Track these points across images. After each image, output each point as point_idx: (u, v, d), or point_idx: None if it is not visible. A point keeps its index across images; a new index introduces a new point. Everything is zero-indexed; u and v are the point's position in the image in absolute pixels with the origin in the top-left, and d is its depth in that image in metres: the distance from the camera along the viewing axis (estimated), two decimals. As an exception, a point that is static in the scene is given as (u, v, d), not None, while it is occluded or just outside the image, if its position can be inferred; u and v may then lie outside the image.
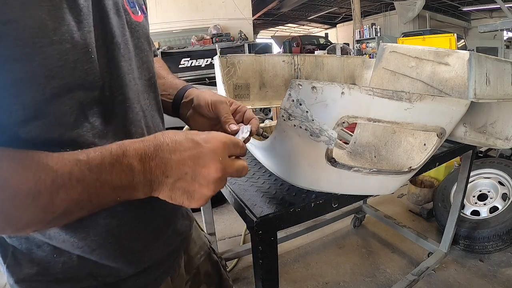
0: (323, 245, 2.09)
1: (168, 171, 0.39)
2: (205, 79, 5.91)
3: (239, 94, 1.12)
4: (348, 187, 0.67)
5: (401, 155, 0.82)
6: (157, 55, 0.76)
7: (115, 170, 0.37)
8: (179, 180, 0.40)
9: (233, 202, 0.77)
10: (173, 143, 0.40)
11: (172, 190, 0.40)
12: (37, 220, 0.35)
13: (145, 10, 0.59)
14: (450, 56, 0.82)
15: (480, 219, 1.86)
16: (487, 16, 12.12)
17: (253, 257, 0.70)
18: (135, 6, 0.54)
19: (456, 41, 5.79)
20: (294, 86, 0.52)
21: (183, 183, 0.40)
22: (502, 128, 0.93)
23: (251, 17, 7.91)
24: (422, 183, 2.56)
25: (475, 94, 0.71)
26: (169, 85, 0.69)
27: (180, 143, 0.40)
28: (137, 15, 0.55)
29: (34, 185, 0.32)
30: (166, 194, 0.41)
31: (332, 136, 0.54)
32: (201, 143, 0.41)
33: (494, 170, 2.05)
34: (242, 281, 1.78)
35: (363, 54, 8.78)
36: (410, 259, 1.88)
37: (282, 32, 19.48)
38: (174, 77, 0.73)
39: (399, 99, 0.53)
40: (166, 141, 0.40)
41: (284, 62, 1.17)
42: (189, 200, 0.41)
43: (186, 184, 0.40)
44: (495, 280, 1.65)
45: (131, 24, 0.52)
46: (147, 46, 0.57)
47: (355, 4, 10.22)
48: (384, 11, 13.22)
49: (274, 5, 12.85)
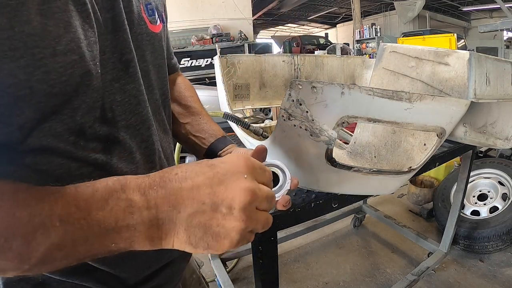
0: (323, 245, 2.09)
1: (179, 204, 0.31)
2: (205, 79, 5.91)
3: (239, 94, 1.12)
4: (348, 187, 0.67)
5: (401, 155, 0.82)
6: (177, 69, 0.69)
7: (109, 206, 0.29)
8: (196, 213, 0.31)
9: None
10: (183, 171, 0.32)
11: (189, 230, 0.31)
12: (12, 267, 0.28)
13: (164, 18, 0.54)
14: (450, 56, 0.82)
15: (480, 219, 1.86)
16: (487, 16, 12.12)
17: (253, 257, 0.70)
18: (154, 14, 0.48)
19: (456, 41, 5.79)
20: (294, 86, 0.52)
21: (201, 217, 0.31)
22: (502, 128, 0.93)
23: (251, 17, 7.90)
24: (422, 183, 2.56)
25: (475, 94, 0.71)
26: (204, 129, 0.63)
27: (192, 170, 0.32)
28: (155, 24, 0.49)
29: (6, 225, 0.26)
30: (183, 237, 0.31)
31: (332, 136, 0.54)
32: (217, 163, 0.33)
33: (494, 170, 2.05)
34: (242, 281, 1.78)
35: (363, 54, 8.79)
36: (410, 259, 1.88)
37: (282, 32, 19.47)
38: (208, 116, 0.66)
39: (399, 99, 0.53)
40: (175, 171, 0.32)
41: (284, 62, 1.17)
42: (215, 240, 0.31)
43: (205, 217, 0.31)
44: (495, 280, 1.65)
45: (146, 35, 0.46)
46: (162, 61, 0.51)
47: (355, 4, 10.23)
48: (384, 11, 13.22)
49: (274, 5, 12.85)
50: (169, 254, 0.55)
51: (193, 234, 0.31)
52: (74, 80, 0.33)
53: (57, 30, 0.31)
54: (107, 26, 0.39)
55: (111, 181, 0.31)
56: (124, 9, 0.42)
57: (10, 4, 0.28)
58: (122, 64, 0.41)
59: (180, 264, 0.59)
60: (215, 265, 1.63)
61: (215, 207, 0.31)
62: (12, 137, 0.31)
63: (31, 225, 0.27)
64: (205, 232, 0.31)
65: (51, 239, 0.28)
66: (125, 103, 0.42)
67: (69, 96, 0.33)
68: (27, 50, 0.29)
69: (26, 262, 0.28)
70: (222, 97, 0.98)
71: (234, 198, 0.31)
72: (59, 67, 0.31)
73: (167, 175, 0.32)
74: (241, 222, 0.31)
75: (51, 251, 0.28)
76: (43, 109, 0.32)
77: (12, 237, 0.26)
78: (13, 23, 0.28)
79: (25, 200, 0.28)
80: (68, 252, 0.29)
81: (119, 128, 0.41)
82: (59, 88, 0.32)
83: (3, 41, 0.28)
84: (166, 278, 0.55)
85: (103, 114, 0.39)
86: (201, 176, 0.32)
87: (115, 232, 0.30)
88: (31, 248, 0.27)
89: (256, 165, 0.35)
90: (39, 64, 0.30)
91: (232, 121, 0.68)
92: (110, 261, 0.43)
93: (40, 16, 0.30)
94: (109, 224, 0.29)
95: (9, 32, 0.28)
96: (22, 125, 0.31)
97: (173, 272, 0.57)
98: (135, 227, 0.30)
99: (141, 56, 0.46)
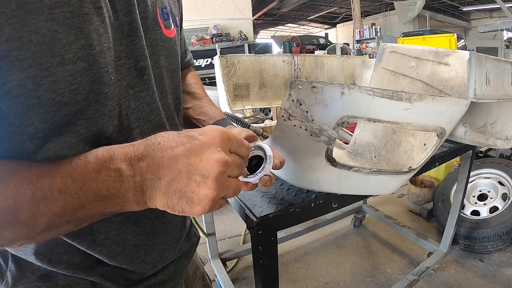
0: (323, 245, 2.09)
1: (160, 171, 0.33)
2: (205, 79, 5.91)
3: (239, 94, 1.12)
4: (348, 187, 0.67)
5: (401, 155, 0.82)
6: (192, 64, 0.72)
7: (101, 177, 0.32)
8: (173, 180, 0.33)
9: (233, 202, 0.77)
10: (165, 141, 0.34)
11: (167, 195, 0.34)
12: (20, 236, 0.32)
13: (178, 23, 0.54)
14: (450, 56, 0.82)
15: (480, 219, 1.86)
16: (487, 16, 12.13)
17: (253, 257, 0.70)
18: (169, 19, 0.49)
19: (456, 41, 5.78)
20: (294, 86, 0.52)
21: (178, 184, 0.33)
22: (502, 128, 0.93)
23: (251, 17, 7.91)
24: (422, 183, 2.56)
25: (475, 94, 0.71)
26: (205, 112, 0.65)
27: (173, 139, 0.35)
28: (170, 29, 0.49)
29: (13, 201, 0.29)
30: (162, 201, 0.34)
31: (332, 136, 0.54)
32: (196, 135, 0.35)
33: (494, 170, 2.05)
34: (242, 281, 1.78)
35: (363, 54, 8.79)
36: (410, 259, 1.88)
37: (282, 32, 19.48)
38: (210, 101, 0.69)
39: (399, 99, 0.53)
40: (158, 140, 0.35)
41: (284, 62, 1.17)
42: (189, 205, 0.34)
43: (181, 184, 0.33)
44: (495, 280, 1.65)
45: (161, 41, 0.47)
46: (176, 65, 0.52)
47: (355, 4, 10.23)
48: (384, 11, 13.23)
49: (274, 5, 12.86)
50: (173, 253, 0.56)
51: (170, 199, 0.34)
52: (83, 88, 0.34)
53: (67, 37, 0.31)
54: (123, 31, 0.39)
55: (101, 152, 0.34)
56: (140, 14, 0.42)
57: (17, 15, 0.28)
58: (137, 71, 0.42)
59: (183, 262, 0.60)
60: (215, 265, 1.63)
61: (190, 175, 0.33)
62: (24, 147, 0.33)
63: (34, 199, 0.30)
64: (181, 197, 0.34)
65: (52, 209, 0.31)
66: (139, 110, 0.43)
67: (80, 106, 0.34)
68: (35, 60, 0.30)
69: (33, 231, 0.31)
70: (222, 97, 0.98)
71: (208, 168, 0.33)
72: (68, 76, 0.32)
73: (151, 144, 0.34)
74: (213, 190, 0.33)
75: (54, 219, 0.31)
76: (54, 118, 0.33)
77: (19, 211, 0.30)
78: (21, 33, 0.29)
79: (27, 177, 0.30)
80: (68, 219, 0.32)
81: (134, 137, 0.42)
82: (68, 96, 0.33)
83: (11, 52, 0.28)
84: (169, 275, 0.56)
85: (120, 121, 0.40)
86: (180, 147, 0.34)
87: (107, 198, 0.33)
88: (36, 219, 0.31)
89: (231, 137, 0.37)
90: (46, 73, 0.31)
91: (232, 121, 0.69)
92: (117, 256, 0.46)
93: (50, 22, 0.30)
94: (102, 192, 0.32)
95: (17, 43, 0.29)
96: (33, 135, 0.33)
97: (176, 269, 0.58)
98: (124, 194, 0.33)
99: (156, 62, 0.46)
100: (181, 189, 0.34)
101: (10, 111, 0.31)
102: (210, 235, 1.63)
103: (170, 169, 0.33)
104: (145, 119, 0.44)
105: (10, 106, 0.30)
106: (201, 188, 0.33)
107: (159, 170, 0.33)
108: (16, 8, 0.28)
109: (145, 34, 0.43)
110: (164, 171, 0.33)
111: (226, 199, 0.38)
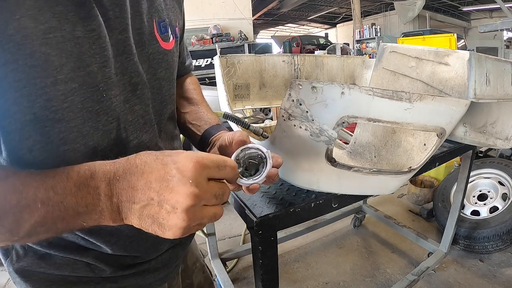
0: (323, 245, 2.09)
1: (134, 196, 0.34)
2: (205, 79, 5.91)
3: (239, 94, 1.12)
4: (348, 187, 0.67)
5: (401, 155, 0.82)
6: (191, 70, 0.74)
7: (81, 193, 0.34)
8: (146, 206, 0.34)
9: (233, 202, 0.77)
10: (142, 164, 0.35)
11: (141, 218, 0.35)
12: (3, 239, 0.34)
13: (177, 33, 0.55)
14: (450, 56, 0.82)
15: (480, 219, 1.86)
16: (487, 16, 12.13)
17: (253, 257, 0.70)
18: (167, 32, 0.51)
19: (456, 41, 5.78)
20: (294, 86, 0.52)
21: (150, 210, 0.34)
22: (502, 128, 0.93)
23: (251, 17, 7.90)
24: (422, 183, 2.56)
25: (475, 94, 0.71)
26: (201, 117, 0.66)
27: (149, 164, 0.35)
28: (168, 41, 0.51)
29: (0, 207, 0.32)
30: (136, 222, 0.35)
31: (332, 136, 0.54)
32: (170, 163, 0.34)
33: (494, 170, 2.05)
34: (242, 281, 1.78)
35: (363, 54, 8.79)
36: (410, 259, 1.88)
37: (282, 32, 19.48)
38: (207, 107, 0.70)
39: (399, 99, 0.53)
40: (136, 163, 0.35)
41: (284, 62, 1.17)
42: (161, 230, 0.34)
43: (153, 211, 0.34)
44: (495, 280, 1.65)
45: (159, 54, 0.49)
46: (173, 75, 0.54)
47: (355, 4, 10.23)
48: (384, 11, 13.23)
49: (274, 5, 12.86)
50: (168, 244, 0.58)
51: (144, 222, 0.35)
52: (75, 106, 0.36)
53: (59, 60, 0.34)
54: (118, 48, 0.41)
55: (83, 169, 0.35)
56: (136, 30, 0.44)
57: (14, 40, 0.31)
58: (131, 86, 0.44)
59: (178, 251, 0.62)
60: (215, 265, 1.63)
61: (161, 204, 0.34)
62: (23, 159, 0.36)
63: (19, 206, 0.32)
64: (153, 222, 0.35)
65: (35, 217, 0.33)
66: (135, 122, 0.46)
67: (75, 123, 0.37)
68: (29, 81, 0.32)
69: (16, 235, 0.34)
70: (222, 97, 0.98)
71: (178, 200, 0.33)
72: (60, 95, 0.35)
73: (129, 166, 0.35)
74: (183, 221, 0.33)
75: (35, 227, 0.34)
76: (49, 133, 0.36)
77: (4, 216, 0.32)
78: (17, 57, 0.31)
79: (14, 185, 0.33)
80: (49, 228, 0.34)
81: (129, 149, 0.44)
82: (61, 114, 0.35)
83: (8, 74, 0.31)
84: (163, 262, 0.58)
85: (118, 134, 0.42)
86: (154, 173, 0.34)
87: (85, 214, 0.35)
88: (19, 225, 0.33)
89: (208, 163, 0.35)
90: (40, 93, 0.33)
91: (232, 121, 0.68)
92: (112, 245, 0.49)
93: (44, 47, 0.32)
94: (81, 208, 0.34)
95: (13, 65, 0.31)
96: (31, 148, 0.36)
97: (170, 257, 0.60)
98: (101, 212, 0.35)
99: (153, 74, 0.48)
100: (153, 215, 0.34)
101: (11, 127, 0.34)
102: (210, 235, 1.63)
103: (144, 195, 0.34)
104: (141, 130, 0.47)
105: (10, 123, 0.34)
106: (171, 217, 0.33)
107: (134, 194, 0.34)
108: (14, 33, 0.31)
109: (142, 49, 0.45)
110: (138, 196, 0.34)
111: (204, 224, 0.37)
